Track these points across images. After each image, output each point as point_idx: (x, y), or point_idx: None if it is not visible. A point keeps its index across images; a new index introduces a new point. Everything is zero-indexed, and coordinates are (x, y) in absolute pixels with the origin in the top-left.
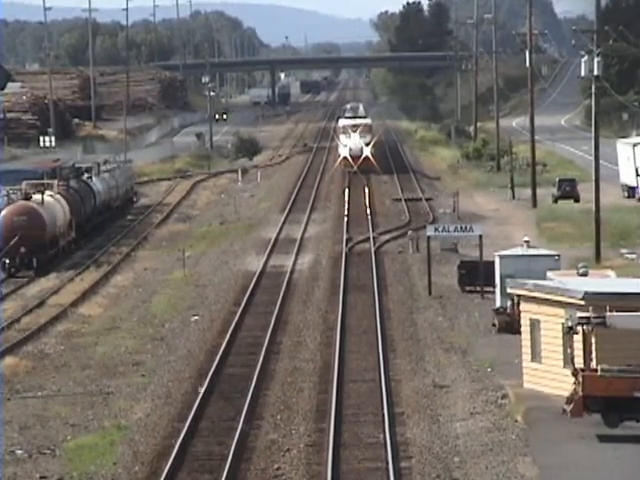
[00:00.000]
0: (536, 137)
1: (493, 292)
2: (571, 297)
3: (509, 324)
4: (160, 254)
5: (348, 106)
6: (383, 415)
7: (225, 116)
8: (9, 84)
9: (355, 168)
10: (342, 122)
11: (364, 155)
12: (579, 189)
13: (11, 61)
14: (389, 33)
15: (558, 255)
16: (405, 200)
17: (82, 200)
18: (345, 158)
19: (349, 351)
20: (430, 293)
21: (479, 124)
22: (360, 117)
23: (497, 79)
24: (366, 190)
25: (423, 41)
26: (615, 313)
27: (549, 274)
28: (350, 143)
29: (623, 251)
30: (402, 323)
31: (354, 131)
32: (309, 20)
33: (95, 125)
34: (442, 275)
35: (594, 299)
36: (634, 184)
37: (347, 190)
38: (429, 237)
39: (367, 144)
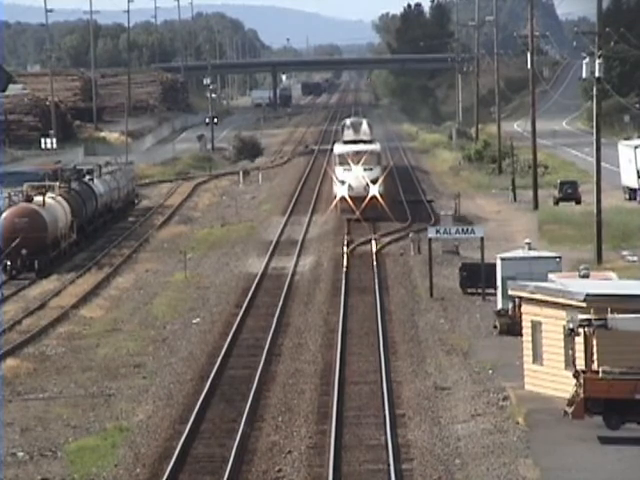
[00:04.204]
0: (543, 141)
1: (494, 294)
2: (572, 299)
3: (510, 326)
4: (161, 256)
5: (347, 122)
6: (384, 417)
7: (216, 120)
8: (10, 86)
9: (357, 214)
10: (339, 149)
11: (370, 195)
12: (580, 191)
13: (12, 63)
14: (390, 35)
15: (559, 257)
16: (407, 202)
17: (83, 202)
18: (343, 199)
19: (350, 353)
20: (432, 295)
21: (480, 126)
22: (364, 141)
23: (498, 81)
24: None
25: (424, 43)
26: (616, 315)
27: (550, 276)
28: (350, 179)
29: (624, 253)
30: (403, 325)
31: (356, 162)
32: (310, 22)
33: (96, 127)
34: (443, 277)
35: (595, 301)
36: (635, 186)
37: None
38: (430, 239)
39: (374, 180)
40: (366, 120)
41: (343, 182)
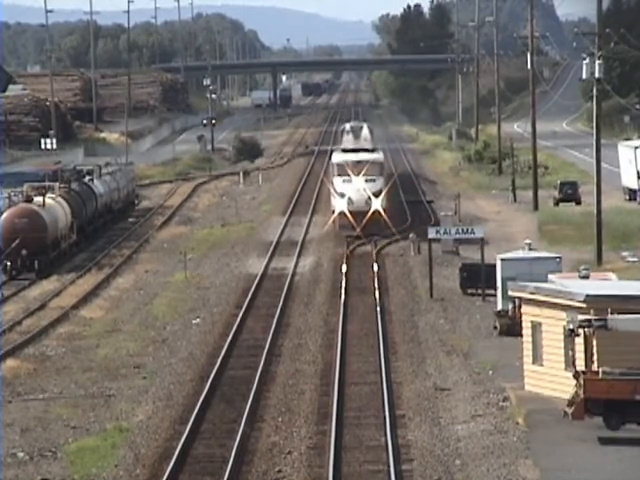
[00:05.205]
0: (543, 142)
1: (494, 295)
2: (572, 300)
3: (510, 327)
4: (161, 256)
5: (347, 126)
6: (384, 417)
7: (214, 122)
8: (10, 86)
9: (358, 231)
10: (337, 158)
11: (372, 210)
12: (580, 192)
13: (13, 63)
14: (390, 36)
15: (559, 258)
16: (407, 202)
17: (83, 202)
18: (342, 214)
19: (350, 353)
20: (432, 295)
21: (480, 127)
22: (365, 150)
23: (498, 81)
24: None
25: (424, 44)
26: (616, 316)
27: (550, 277)
28: (350, 191)
29: (624, 254)
30: (403, 325)
31: (357, 172)
32: (311, 22)
33: (96, 127)
34: (444, 277)
35: (595, 302)
36: (635, 187)
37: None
38: (430, 239)
39: (377, 193)
40: (367, 124)
41: (342, 195)
